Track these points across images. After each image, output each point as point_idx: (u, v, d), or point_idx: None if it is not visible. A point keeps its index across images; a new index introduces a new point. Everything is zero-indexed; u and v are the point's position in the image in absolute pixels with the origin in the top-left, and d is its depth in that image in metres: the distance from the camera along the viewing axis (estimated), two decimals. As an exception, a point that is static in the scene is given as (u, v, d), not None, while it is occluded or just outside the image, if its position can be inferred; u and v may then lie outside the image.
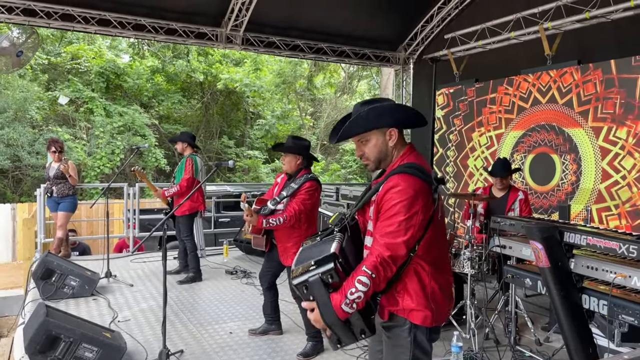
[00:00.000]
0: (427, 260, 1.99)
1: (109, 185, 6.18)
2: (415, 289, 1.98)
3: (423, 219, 1.92)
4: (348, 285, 1.85)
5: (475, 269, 4.26)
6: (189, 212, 5.92)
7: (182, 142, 6.00)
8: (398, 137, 2.04)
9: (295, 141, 3.79)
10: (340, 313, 1.84)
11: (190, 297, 5.36)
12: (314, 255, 1.90)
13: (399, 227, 1.89)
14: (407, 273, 1.98)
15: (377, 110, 2.01)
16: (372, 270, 1.86)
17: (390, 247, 1.88)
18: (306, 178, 3.71)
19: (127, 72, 17.31)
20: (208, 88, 19.67)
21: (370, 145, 2.04)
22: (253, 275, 6.27)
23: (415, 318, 1.98)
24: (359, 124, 2.02)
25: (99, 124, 15.56)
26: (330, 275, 1.84)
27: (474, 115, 7.20)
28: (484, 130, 7.05)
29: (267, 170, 19.47)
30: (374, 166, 2.08)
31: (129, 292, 5.45)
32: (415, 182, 1.91)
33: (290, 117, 20.10)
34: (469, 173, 7.25)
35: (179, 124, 19.05)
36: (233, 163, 3.89)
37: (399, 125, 2.05)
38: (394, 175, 1.94)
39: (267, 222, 3.62)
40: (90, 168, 15.10)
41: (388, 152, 2.05)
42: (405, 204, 1.89)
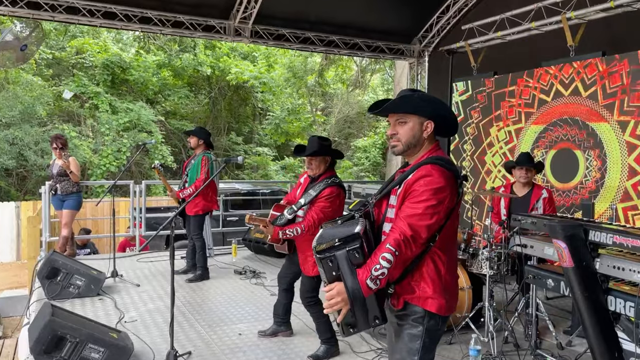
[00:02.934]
0: (443, 250, 2.11)
1: (115, 183, 6.23)
2: (433, 276, 2.08)
3: (447, 208, 2.04)
4: (372, 262, 1.95)
5: (494, 269, 4.23)
6: (203, 211, 5.96)
7: (197, 137, 5.99)
8: (432, 133, 2.16)
9: (322, 142, 3.70)
10: (365, 288, 1.93)
11: (198, 297, 5.39)
12: (338, 234, 1.99)
13: (425, 211, 2.00)
14: (424, 261, 2.08)
15: (427, 98, 2.17)
16: (395, 247, 1.96)
17: (414, 227, 1.98)
18: (326, 184, 3.62)
19: (132, 66, 17.43)
20: (216, 83, 19.74)
21: (406, 127, 2.15)
22: (262, 275, 6.28)
23: (431, 306, 2.08)
24: (407, 102, 2.14)
25: (104, 121, 15.70)
26: (357, 252, 1.95)
27: (492, 108, 7.13)
28: (502, 124, 6.98)
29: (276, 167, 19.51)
30: (402, 149, 2.17)
31: (136, 292, 5.49)
32: (445, 174, 2.04)
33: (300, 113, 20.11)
34: (487, 170, 7.19)
35: (185, 120, 19.15)
36: (242, 159, 3.87)
37: (437, 121, 2.16)
38: (426, 165, 2.06)
39: (284, 233, 3.59)
40: (96, 166, 15.23)
41: (419, 141, 2.15)
42: (435, 191, 2.01)
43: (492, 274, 4.21)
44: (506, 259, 4.31)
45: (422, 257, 2.07)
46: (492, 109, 7.12)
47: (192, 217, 5.96)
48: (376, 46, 9.26)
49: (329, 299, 1.97)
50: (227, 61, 18.60)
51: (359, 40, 9.04)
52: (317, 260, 2.00)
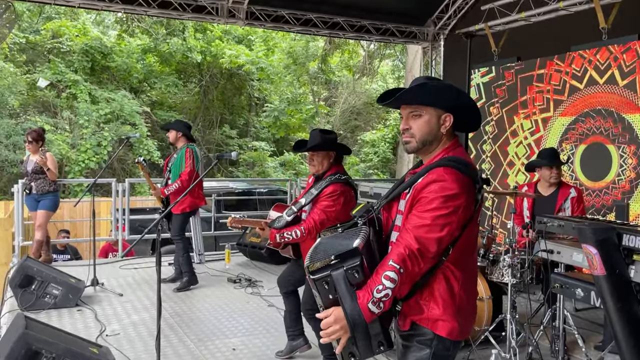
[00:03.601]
0: (458, 266, 2.03)
1: (96, 181, 6.24)
2: (444, 296, 2.02)
3: (462, 219, 1.97)
4: (374, 282, 1.89)
5: (517, 277, 4.23)
6: (190, 209, 5.98)
7: (175, 131, 6.04)
8: (450, 128, 2.09)
9: (325, 135, 3.68)
10: (367, 313, 1.87)
11: (187, 308, 5.40)
12: (335, 248, 1.93)
13: (435, 222, 1.93)
14: (435, 278, 2.02)
15: (445, 87, 2.09)
16: (399, 264, 1.90)
17: (421, 240, 1.92)
18: (329, 181, 3.59)
19: (114, 51, 17.46)
20: (207, 70, 19.76)
21: (421, 121, 2.08)
22: (259, 284, 6.30)
23: (440, 329, 2.02)
24: (421, 93, 2.07)
25: (83, 112, 15.73)
26: (356, 272, 1.88)
27: (517, 93, 7.09)
28: (528, 112, 6.95)
29: (275, 164, 19.52)
30: (416, 146, 2.11)
31: (118, 303, 5.51)
32: (460, 179, 1.97)
33: (302, 103, 20.12)
34: (509, 161, 7.18)
35: (174, 111, 19.18)
36: (236, 155, 3.86)
37: (457, 114, 2.09)
38: (439, 167, 1.99)
39: (282, 237, 3.57)
40: (74, 162, 15.28)
41: (436, 137, 2.09)
42: (446, 198, 1.94)
43: (515, 282, 4.20)
44: (530, 266, 4.30)
45: (433, 273, 2.00)
46: (518, 93, 7.08)
47: (177, 215, 5.97)
48: (386, 29, 9.25)
49: (326, 327, 1.92)
50: (220, 46, 18.61)
51: (366, 22, 9.03)
52: (311, 282, 1.94)
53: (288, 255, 3.93)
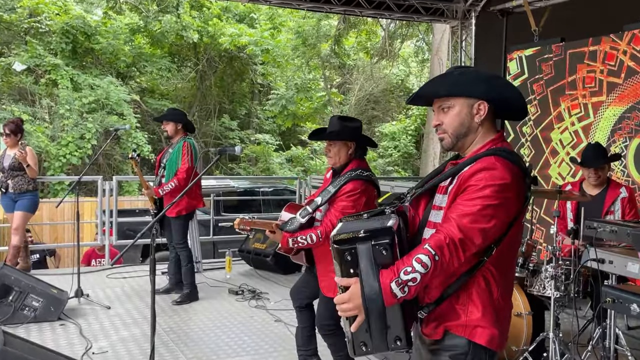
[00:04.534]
0: (499, 269, 2.07)
1: (80, 179, 6.28)
2: (484, 300, 2.04)
3: (510, 213, 2.01)
4: (403, 263, 1.91)
5: (561, 290, 4.21)
6: (186, 211, 6.01)
7: (174, 123, 6.04)
8: (487, 115, 2.11)
9: (344, 123, 3.66)
10: (388, 294, 1.88)
11: (183, 323, 5.43)
12: (364, 227, 1.97)
13: (483, 211, 1.96)
14: (474, 279, 2.04)
15: (471, 75, 2.13)
16: (436, 250, 1.92)
17: (465, 230, 1.95)
18: (348, 177, 3.56)
19: (99, 31, 17.55)
20: (204, 52, 19.84)
21: (452, 113, 2.12)
22: (264, 296, 6.32)
23: (479, 337, 2.03)
24: (445, 83, 2.13)
25: (64, 100, 15.84)
26: (384, 249, 1.91)
27: (566, 72, 7.02)
28: (576, 93, 6.89)
29: (280, 159, 19.57)
30: (450, 142, 2.15)
31: (106, 316, 5.54)
32: (513, 170, 2.01)
33: (312, 90, 20.12)
34: (552, 149, 7.10)
35: (166, 100, 19.29)
36: (240, 150, 3.87)
37: (493, 102, 2.12)
38: (491, 156, 2.03)
39: (295, 241, 3.56)
40: (54, 157, 15.40)
41: (471, 129, 2.12)
42: (498, 189, 1.97)
43: (559, 296, 4.19)
44: (577, 277, 4.28)
45: (472, 273, 2.02)
46: (566, 72, 6.99)
47: (174, 219, 5.99)
48: (409, 5, 9.23)
49: (340, 302, 1.95)
50: (219, 24, 18.66)
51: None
52: (333, 251, 1.97)
53: (300, 262, 3.92)
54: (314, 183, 9.13)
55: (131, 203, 12.38)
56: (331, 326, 3.77)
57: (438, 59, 14.92)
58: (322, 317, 3.79)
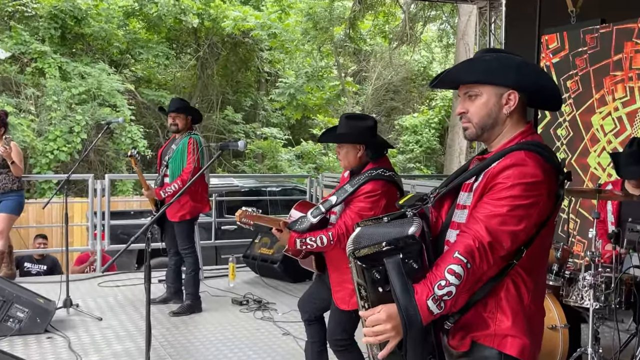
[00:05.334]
0: (530, 274, 2.08)
1: (68, 178, 6.31)
2: (514, 306, 2.06)
3: (542, 213, 2.02)
4: (435, 276, 1.93)
5: (601, 301, 4.19)
6: (191, 215, 6.01)
7: (185, 115, 6.02)
8: (517, 105, 2.13)
9: (352, 122, 3.66)
10: (425, 312, 1.90)
11: (182, 337, 5.45)
12: (386, 235, 1.98)
13: (512, 212, 1.97)
14: (503, 284, 2.06)
15: (504, 61, 2.13)
16: (467, 257, 1.94)
17: (494, 233, 1.96)
18: (368, 177, 3.53)
19: (90, 15, 17.61)
20: (205, 38, 19.88)
21: (479, 102, 2.14)
22: (271, 306, 6.34)
23: (510, 347, 2.04)
24: (475, 68, 2.14)
25: (51, 91, 15.92)
26: (414, 260, 1.93)
27: (592, 88, 7.01)
28: (607, 110, 6.87)
29: (289, 156, 19.57)
30: (474, 132, 2.17)
31: (97, 329, 5.56)
32: (544, 166, 2.02)
33: (324, 79, 20.10)
34: (592, 135, 7.07)
35: (164, 90, 19.34)
36: (244, 144, 3.87)
37: (525, 91, 2.13)
38: (520, 151, 2.04)
39: (303, 242, 3.53)
40: (40, 153, 15.49)
41: (498, 120, 2.14)
42: (528, 186, 1.98)
43: (598, 307, 4.17)
44: (618, 286, 4.26)
45: (501, 279, 2.04)
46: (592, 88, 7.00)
47: (177, 224, 6.01)
48: (432, -16, 9.20)
49: (373, 324, 1.94)
50: (221, 7, 18.69)
51: (407, -24, 8.99)
52: (356, 269, 1.98)
53: (309, 267, 3.92)
54: (326, 182, 9.13)
55: (126, 204, 12.46)
56: (344, 341, 3.76)
57: (464, 44, 14.87)
58: (334, 331, 3.78)
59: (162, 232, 6.34)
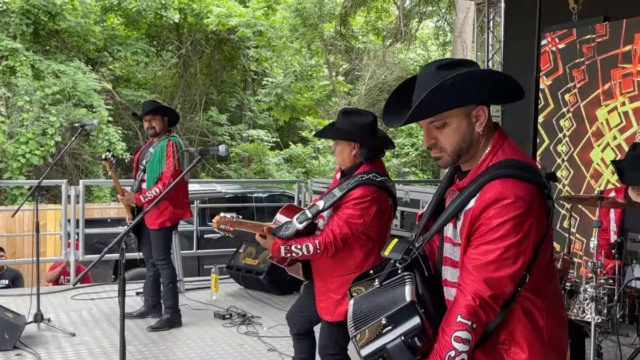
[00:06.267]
0: (539, 293, 2.09)
1: (40, 183, 6.29)
2: (528, 336, 2.06)
3: (536, 239, 2.01)
4: (443, 347, 1.95)
5: (604, 314, 4.20)
6: (171, 222, 6.01)
7: (162, 117, 6.02)
8: (487, 118, 2.12)
9: (348, 118, 3.68)
10: None
11: (160, 352, 5.43)
12: (383, 308, 1.99)
13: (505, 255, 1.97)
14: (513, 314, 2.06)
15: (464, 79, 2.03)
16: (470, 319, 1.96)
17: (492, 283, 1.97)
18: (358, 181, 3.53)
19: (65, 10, 17.56)
20: (188, 34, 19.86)
21: (449, 130, 2.10)
22: (256, 320, 6.33)
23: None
24: (439, 97, 2.02)
25: (23, 90, 15.86)
26: (417, 336, 1.94)
27: (599, 79, 7.05)
28: (614, 103, 6.90)
29: (277, 159, 19.56)
30: (450, 160, 2.14)
31: (70, 345, 5.54)
32: (525, 190, 1.99)
33: (314, 78, 20.11)
34: (594, 172, 7.12)
35: (144, 90, 19.30)
36: (226, 149, 3.87)
37: (488, 101, 2.13)
38: (494, 181, 2.01)
39: (288, 250, 3.54)
40: (11, 157, 15.42)
41: (473, 141, 2.11)
42: (515, 222, 1.97)
43: (601, 321, 4.18)
44: (621, 299, 4.28)
45: (508, 308, 2.04)
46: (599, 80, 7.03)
47: (156, 231, 6.00)
48: (426, -21, 9.23)
49: None
50: (204, 2, 18.67)
51: (400, -29, 9.02)
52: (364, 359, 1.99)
53: (296, 275, 3.91)
54: (315, 187, 9.12)
55: (102, 211, 12.40)
56: (337, 355, 3.75)
57: (462, 42, 14.91)
58: (325, 345, 3.78)
59: (140, 241, 6.32)
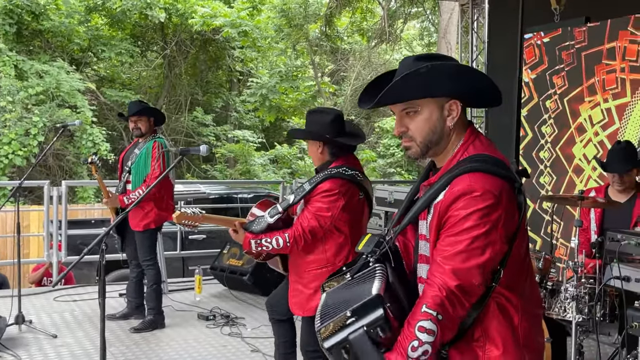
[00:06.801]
0: (514, 290, 2.09)
1: (21, 184, 6.25)
2: (502, 332, 2.06)
3: (506, 232, 2.01)
4: (406, 337, 1.94)
5: (585, 313, 4.22)
6: (155, 224, 5.99)
7: (147, 118, 5.99)
8: (460, 114, 2.13)
9: (312, 117, 3.76)
10: None
11: (143, 354, 5.41)
12: (349, 301, 1.98)
13: (472, 245, 1.97)
14: (487, 310, 2.06)
15: (439, 70, 2.06)
16: (436, 309, 1.94)
17: (460, 273, 1.96)
18: (327, 174, 3.60)
19: (49, 10, 17.47)
20: (173, 35, 19.81)
21: (419, 119, 2.11)
22: (240, 322, 6.32)
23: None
24: (412, 84, 2.06)
25: (6, 91, 15.77)
26: (380, 328, 1.92)
27: (583, 75, 7.10)
28: (597, 99, 6.96)
29: (263, 160, 19.55)
30: (419, 151, 2.15)
31: (52, 347, 5.52)
32: (494, 184, 2.00)
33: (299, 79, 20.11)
34: (575, 167, 7.17)
35: (128, 90, 19.22)
36: (207, 149, 3.87)
37: (464, 98, 2.13)
38: (464, 175, 2.03)
39: (258, 244, 3.60)
40: (-7, 157, 15.34)
41: (443, 134, 2.12)
42: (482, 213, 1.97)
43: (582, 320, 4.20)
44: (602, 298, 4.30)
45: (483, 305, 2.04)
46: (583, 75, 7.08)
47: (140, 233, 5.98)
48: (411, -21, 9.25)
49: None
50: (189, 1, 18.63)
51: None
52: (327, 353, 1.99)
53: (276, 267, 3.97)
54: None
55: (86, 212, 12.33)
56: (319, 352, 3.78)
57: (446, 42, 14.95)
58: (307, 342, 3.83)
59: (123, 242, 6.30)
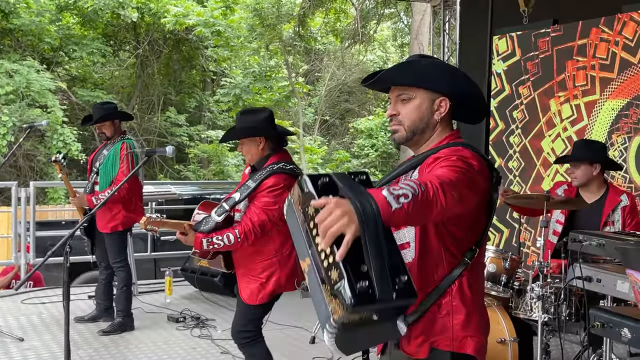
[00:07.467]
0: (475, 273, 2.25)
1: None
2: (465, 301, 2.18)
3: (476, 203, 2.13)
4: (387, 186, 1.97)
5: (551, 313, 4.26)
6: (123, 226, 5.95)
7: (111, 121, 5.94)
8: (447, 113, 2.28)
9: (247, 117, 3.90)
10: (382, 201, 1.81)
11: (111, 356, 5.38)
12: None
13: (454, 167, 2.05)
14: (454, 284, 2.17)
15: (439, 67, 2.35)
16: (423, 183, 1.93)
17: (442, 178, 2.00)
18: (270, 171, 3.74)
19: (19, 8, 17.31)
20: (145, 34, 19.70)
21: (412, 105, 2.27)
22: (210, 323, 6.30)
23: (467, 346, 2.16)
24: (412, 71, 2.29)
25: (-25, 90, 15.64)
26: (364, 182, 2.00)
27: (554, 71, 7.16)
28: (567, 95, 7.03)
29: (236, 160, 19.51)
30: (404, 135, 2.29)
31: (17, 350, 5.47)
32: (479, 159, 2.17)
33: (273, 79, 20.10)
34: (544, 161, 7.23)
35: (100, 90, 19.09)
36: (173, 150, 3.91)
37: (454, 99, 2.28)
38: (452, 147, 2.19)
39: (210, 242, 3.66)
40: (-38, 158, 15.18)
41: (429, 125, 2.27)
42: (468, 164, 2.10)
43: (547, 319, 4.24)
44: (568, 297, 4.34)
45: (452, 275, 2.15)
46: (554, 71, 7.14)
47: (109, 235, 5.95)
48: (382, -19, 9.28)
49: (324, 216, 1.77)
50: (162, 1, 18.54)
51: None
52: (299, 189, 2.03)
53: (219, 267, 4.03)
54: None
55: (56, 213, 12.22)
56: (249, 332, 3.90)
57: (418, 44, 15.02)
58: (239, 323, 3.92)
59: (93, 244, 6.26)
